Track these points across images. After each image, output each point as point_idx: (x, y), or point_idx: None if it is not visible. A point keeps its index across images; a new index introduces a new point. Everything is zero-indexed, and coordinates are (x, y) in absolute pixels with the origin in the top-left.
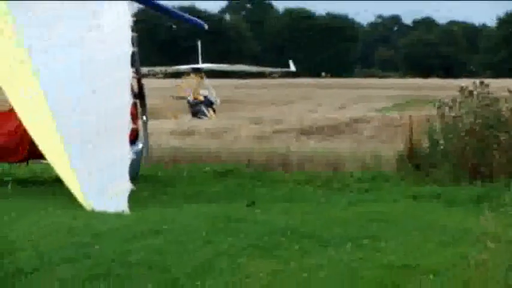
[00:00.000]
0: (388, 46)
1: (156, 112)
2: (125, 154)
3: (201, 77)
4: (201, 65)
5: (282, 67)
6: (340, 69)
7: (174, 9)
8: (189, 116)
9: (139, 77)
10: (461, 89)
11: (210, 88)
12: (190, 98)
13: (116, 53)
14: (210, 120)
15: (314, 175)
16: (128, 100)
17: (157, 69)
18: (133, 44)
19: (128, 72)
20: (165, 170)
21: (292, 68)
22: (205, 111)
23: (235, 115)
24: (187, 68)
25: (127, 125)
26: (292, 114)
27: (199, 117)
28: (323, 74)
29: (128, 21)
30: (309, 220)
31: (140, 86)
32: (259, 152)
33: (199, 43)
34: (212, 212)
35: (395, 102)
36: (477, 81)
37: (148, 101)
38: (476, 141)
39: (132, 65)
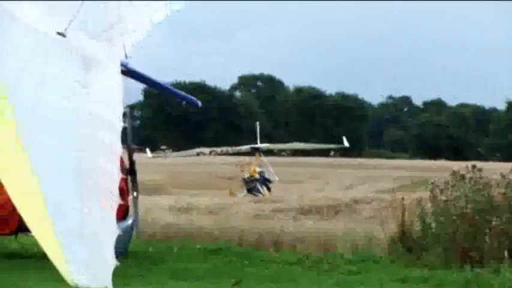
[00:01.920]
0: (398, 126)
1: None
2: (112, 230)
3: (259, 156)
4: (259, 145)
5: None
6: (349, 148)
7: (168, 86)
8: (245, 192)
9: (130, 152)
10: (453, 173)
11: (268, 166)
12: (246, 175)
13: (106, 129)
14: (209, 198)
15: (304, 255)
16: (117, 176)
17: (219, 149)
18: (125, 119)
19: (118, 146)
20: (156, 246)
21: (346, 143)
22: (260, 188)
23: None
24: (247, 148)
25: (115, 202)
26: (296, 193)
27: (254, 194)
28: (331, 153)
29: (119, 94)
30: None
31: (131, 162)
32: (252, 231)
33: (257, 124)
34: None
35: (402, 183)
36: (469, 164)
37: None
38: (467, 226)
39: (124, 141)
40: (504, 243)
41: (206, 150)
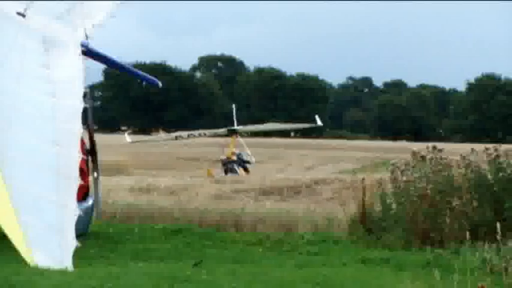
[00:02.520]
0: (359, 108)
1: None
2: (72, 210)
3: (235, 137)
4: (236, 127)
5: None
6: (310, 129)
7: (128, 66)
8: (222, 173)
9: (91, 133)
10: (414, 154)
11: (244, 148)
12: (224, 157)
13: (66, 107)
14: (170, 179)
15: (265, 236)
16: (76, 155)
17: (196, 132)
18: (86, 99)
19: (78, 127)
20: (117, 227)
21: (319, 122)
22: (236, 169)
23: (199, 173)
24: (223, 131)
25: (75, 181)
26: (256, 174)
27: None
28: (292, 134)
29: (80, 76)
30: (254, 282)
31: (92, 142)
32: (213, 212)
33: (234, 106)
34: (158, 271)
35: (363, 164)
36: (430, 145)
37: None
38: (427, 207)
39: (85, 121)
40: (464, 224)
41: (184, 133)
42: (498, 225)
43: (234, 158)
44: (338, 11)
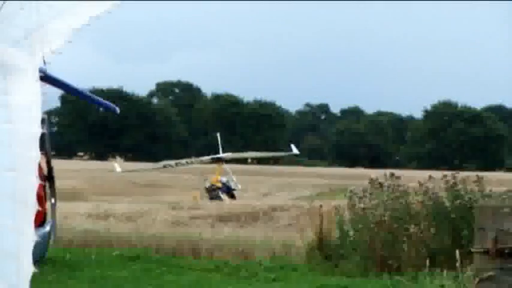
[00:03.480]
0: (316, 134)
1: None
2: (29, 237)
3: (221, 165)
4: (221, 155)
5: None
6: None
7: (86, 92)
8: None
9: (48, 158)
10: (371, 180)
11: (230, 175)
12: (208, 184)
13: (23, 133)
14: (127, 204)
15: (223, 263)
16: (34, 181)
17: (184, 160)
18: (43, 125)
19: (36, 153)
20: (74, 253)
21: (295, 151)
22: (221, 196)
23: (156, 199)
24: (207, 159)
25: (33, 207)
26: (213, 201)
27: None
28: (249, 160)
29: (38, 102)
30: None
31: (49, 168)
32: (170, 238)
33: (218, 135)
34: None
35: (321, 191)
36: (387, 172)
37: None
38: (385, 233)
39: (42, 146)
40: (422, 252)
41: (172, 162)
42: (458, 252)
43: (220, 185)
44: (293, 36)
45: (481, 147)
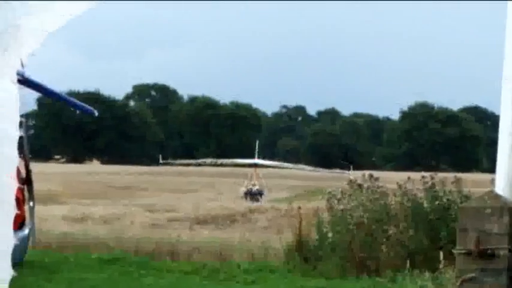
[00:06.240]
0: (292, 136)
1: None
2: (7, 240)
3: (256, 169)
4: (257, 161)
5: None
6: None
7: (64, 95)
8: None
9: (26, 162)
10: (350, 182)
11: (261, 179)
12: (244, 188)
13: (6, 143)
14: (104, 207)
15: (201, 265)
16: (9, 181)
17: (209, 160)
18: (21, 128)
19: (11, 152)
20: (52, 256)
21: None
22: (259, 198)
23: (132, 202)
24: (243, 162)
25: (11, 211)
26: (191, 203)
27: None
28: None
29: (14, 102)
30: None
31: (28, 171)
32: (148, 240)
33: (257, 142)
34: None
35: (297, 193)
36: (366, 173)
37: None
38: (364, 235)
39: (20, 150)
40: (400, 253)
41: (208, 160)
42: (441, 253)
43: (257, 187)
44: (270, 37)
45: (456, 147)
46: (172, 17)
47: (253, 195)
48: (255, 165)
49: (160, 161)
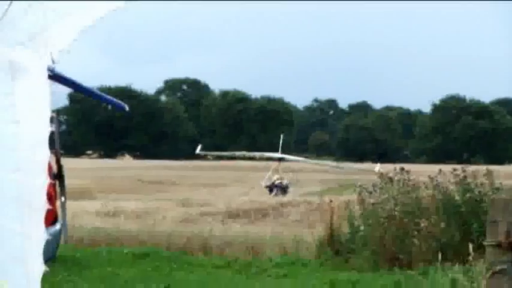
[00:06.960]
0: (324, 130)
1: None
2: (37, 240)
3: (279, 164)
4: (281, 155)
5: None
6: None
7: (95, 90)
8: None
9: (58, 157)
10: (381, 175)
11: (288, 173)
12: (268, 182)
13: (30, 135)
14: (135, 202)
15: (233, 259)
16: (44, 181)
17: (238, 153)
18: (52, 123)
19: (46, 152)
20: (84, 251)
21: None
22: (286, 190)
23: (164, 196)
24: (272, 155)
25: (41, 210)
26: (222, 197)
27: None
28: (257, 157)
29: (46, 102)
30: None
31: (59, 167)
32: (180, 235)
33: (281, 137)
34: None
35: (329, 187)
36: (397, 167)
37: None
38: (395, 228)
39: (51, 145)
40: (432, 246)
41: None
42: (470, 246)
43: (285, 181)
44: (301, 32)
45: (489, 141)
46: (203, 19)
47: (278, 188)
48: (280, 160)
49: (198, 151)
